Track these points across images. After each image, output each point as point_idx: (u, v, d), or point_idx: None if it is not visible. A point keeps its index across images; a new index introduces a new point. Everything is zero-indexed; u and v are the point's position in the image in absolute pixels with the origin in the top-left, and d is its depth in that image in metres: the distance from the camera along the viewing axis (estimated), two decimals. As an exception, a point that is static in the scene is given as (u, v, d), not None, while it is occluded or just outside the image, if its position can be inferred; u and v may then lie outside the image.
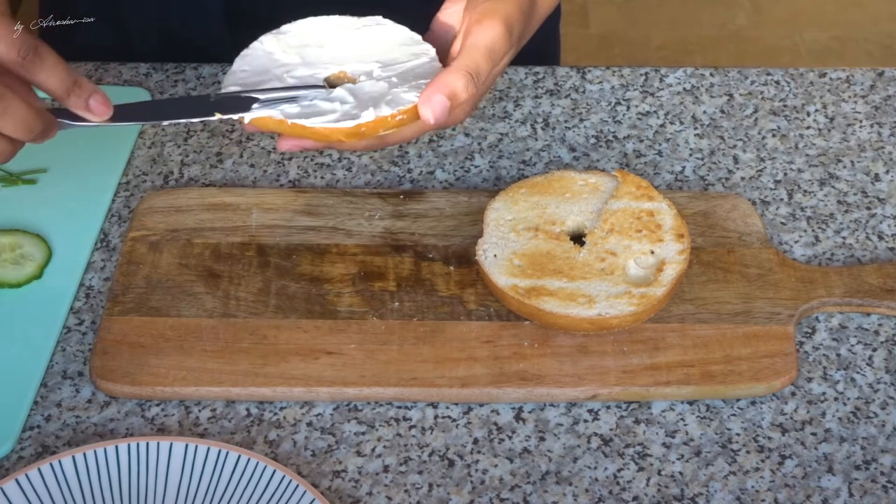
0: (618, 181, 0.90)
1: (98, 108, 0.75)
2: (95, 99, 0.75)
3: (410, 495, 0.77)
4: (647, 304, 0.83)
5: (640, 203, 0.89)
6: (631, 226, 0.87)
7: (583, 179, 0.91)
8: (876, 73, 1.09)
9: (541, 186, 0.91)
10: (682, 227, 0.87)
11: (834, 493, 0.77)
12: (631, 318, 0.83)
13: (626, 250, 0.86)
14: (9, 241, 0.90)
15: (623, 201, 0.89)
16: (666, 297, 0.84)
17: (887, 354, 0.85)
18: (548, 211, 0.89)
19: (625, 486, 0.78)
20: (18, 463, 0.79)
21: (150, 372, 0.82)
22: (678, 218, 0.88)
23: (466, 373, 0.82)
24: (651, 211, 0.88)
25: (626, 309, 0.82)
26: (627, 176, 0.90)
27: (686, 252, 0.86)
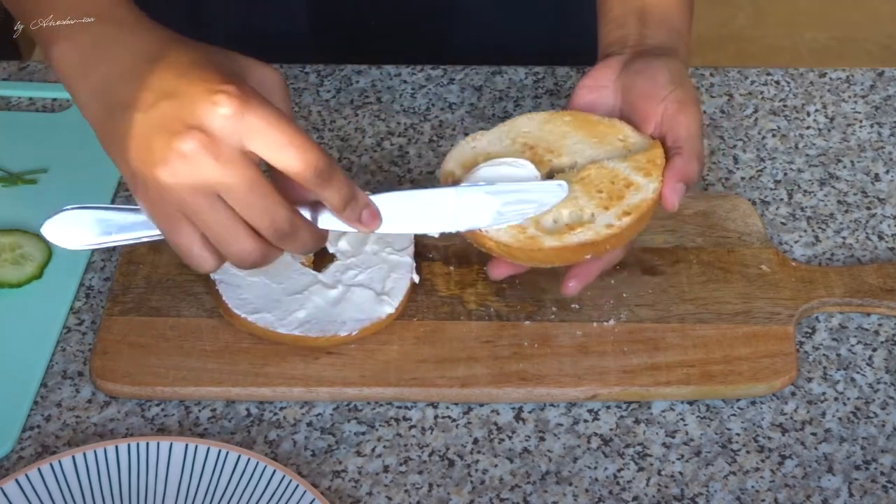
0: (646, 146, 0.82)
1: (369, 221, 0.73)
2: (368, 211, 0.73)
3: (410, 495, 0.77)
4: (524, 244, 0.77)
5: (633, 173, 0.80)
6: (601, 183, 0.79)
7: (624, 135, 0.82)
8: (876, 73, 1.09)
9: (585, 121, 0.84)
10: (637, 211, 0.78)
11: (834, 493, 0.77)
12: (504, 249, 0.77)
13: (570, 200, 0.79)
14: (9, 241, 0.90)
15: (623, 164, 0.80)
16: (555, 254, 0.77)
17: (887, 354, 0.85)
18: (560, 141, 0.83)
19: (625, 486, 0.78)
20: (18, 463, 0.79)
21: (150, 372, 0.82)
22: (648, 203, 0.79)
23: (466, 373, 0.82)
24: (631, 182, 0.79)
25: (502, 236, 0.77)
26: (656, 148, 0.81)
27: (612, 231, 0.77)
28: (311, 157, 0.67)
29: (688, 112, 0.82)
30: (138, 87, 0.68)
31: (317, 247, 0.73)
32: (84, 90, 0.71)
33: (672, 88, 0.82)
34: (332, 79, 1.07)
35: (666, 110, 0.82)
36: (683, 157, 0.80)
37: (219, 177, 0.66)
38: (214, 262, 0.70)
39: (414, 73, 1.07)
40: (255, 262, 0.70)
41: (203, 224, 0.68)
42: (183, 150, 0.65)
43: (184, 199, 0.67)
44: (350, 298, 0.84)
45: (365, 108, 1.04)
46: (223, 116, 0.65)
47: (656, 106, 0.82)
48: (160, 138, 0.66)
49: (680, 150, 0.81)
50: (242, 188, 0.67)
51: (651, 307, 0.86)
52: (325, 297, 0.84)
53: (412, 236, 0.87)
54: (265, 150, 0.66)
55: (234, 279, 0.84)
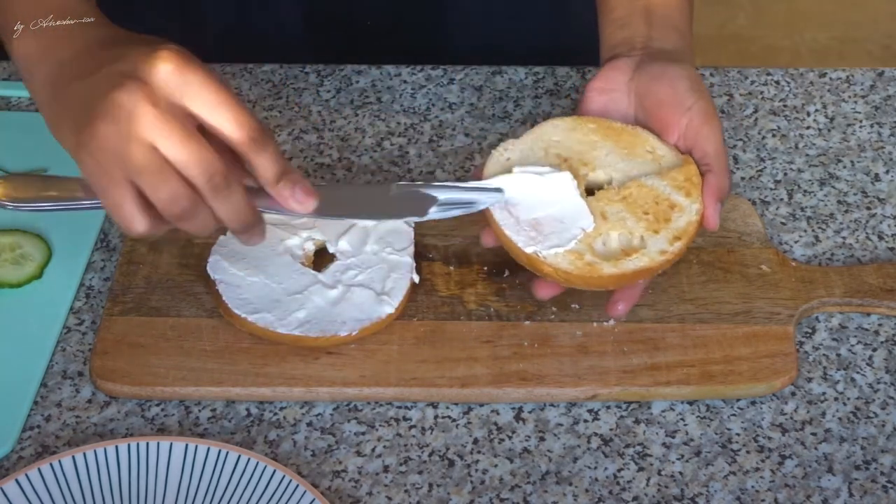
0: (679, 163, 0.83)
1: (302, 198, 0.74)
2: (301, 188, 0.73)
3: (410, 495, 0.77)
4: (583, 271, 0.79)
5: (674, 192, 0.81)
6: (645, 204, 0.81)
7: (651, 146, 0.84)
8: (876, 73, 1.09)
9: (610, 130, 0.85)
10: (685, 234, 0.80)
11: (834, 493, 0.77)
12: (563, 275, 0.79)
13: (617, 222, 0.81)
14: (9, 241, 0.90)
15: (661, 182, 0.82)
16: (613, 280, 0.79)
17: (887, 354, 0.85)
18: (592, 152, 0.84)
19: (625, 486, 0.78)
20: (18, 463, 0.79)
21: (150, 372, 0.82)
22: (693, 225, 0.81)
23: (466, 373, 0.82)
24: (675, 204, 0.81)
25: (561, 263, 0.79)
26: (690, 165, 0.82)
27: (666, 256, 0.80)
28: (246, 121, 0.70)
29: (713, 125, 0.83)
30: (87, 62, 0.71)
31: (248, 220, 0.73)
32: (38, 77, 0.74)
33: (695, 99, 0.82)
34: (332, 79, 1.07)
35: (690, 122, 0.82)
36: (716, 174, 0.82)
37: (156, 124, 0.67)
38: (145, 221, 0.70)
39: (414, 73, 1.07)
40: (183, 209, 0.70)
41: (136, 171, 0.68)
42: (122, 98, 0.67)
43: (120, 149, 0.68)
44: (350, 298, 0.84)
45: (365, 108, 1.04)
46: (164, 71, 0.68)
47: (680, 116, 0.83)
48: (102, 94, 0.68)
49: (710, 166, 0.82)
50: (178, 136, 0.68)
51: (651, 307, 0.86)
52: (325, 297, 0.84)
53: (412, 236, 0.88)
54: (202, 109, 0.68)
55: (235, 279, 0.84)
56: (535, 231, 0.80)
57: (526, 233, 0.80)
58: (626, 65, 0.86)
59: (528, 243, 0.79)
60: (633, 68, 0.85)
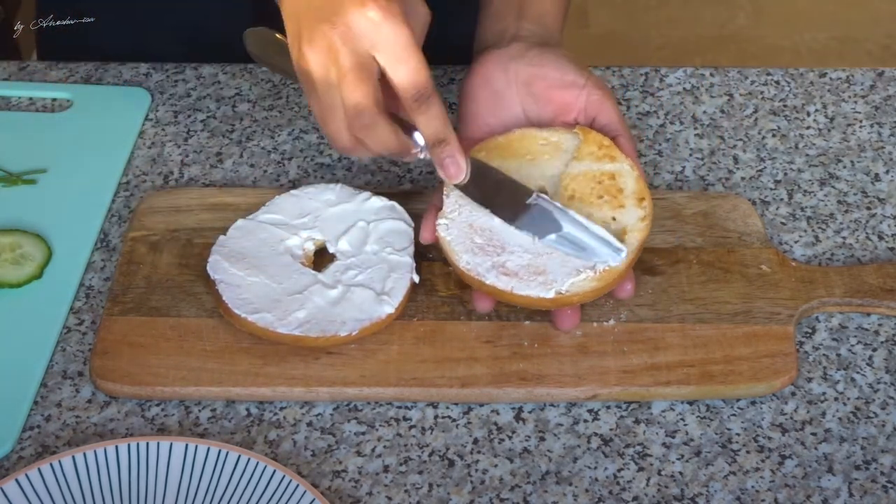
0: (579, 139, 0.86)
1: (451, 168, 0.81)
2: (453, 160, 0.81)
3: (410, 495, 0.77)
4: (608, 278, 0.80)
5: (602, 164, 0.84)
6: (592, 191, 0.84)
7: (544, 138, 0.87)
8: (876, 73, 1.09)
9: (501, 149, 0.87)
10: (643, 191, 0.83)
11: (834, 493, 0.77)
12: (592, 293, 0.81)
13: (587, 219, 0.82)
14: (9, 241, 0.90)
15: (584, 163, 0.85)
16: (627, 267, 0.82)
17: (887, 354, 0.85)
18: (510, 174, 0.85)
19: (625, 486, 0.78)
20: (18, 463, 0.79)
21: (150, 372, 0.82)
22: (640, 181, 0.84)
23: (466, 373, 0.82)
24: (612, 173, 0.84)
25: (588, 285, 0.80)
26: (589, 134, 0.86)
27: (648, 218, 0.83)
28: (419, 79, 0.77)
29: (608, 95, 0.87)
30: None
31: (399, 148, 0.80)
32: None
33: (586, 76, 0.87)
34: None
35: (589, 97, 0.87)
36: (626, 136, 0.86)
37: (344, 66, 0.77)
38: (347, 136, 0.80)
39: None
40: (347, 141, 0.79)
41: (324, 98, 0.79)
42: (326, 35, 0.77)
43: (315, 71, 0.78)
44: (350, 298, 0.84)
45: (365, 108, 1.04)
46: (366, 20, 0.76)
47: (577, 95, 0.87)
48: (316, 23, 0.78)
49: (618, 130, 0.86)
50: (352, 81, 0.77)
51: (651, 307, 0.86)
52: (325, 297, 0.84)
53: (412, 236, 0.88)
54: (384, 59, 0.77)
55: (235, 279, 0.84)
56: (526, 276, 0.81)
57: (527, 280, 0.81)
58: (500, 56, 0.88)
59: (543, 290, 0.80)
60: (508, 59, 0.88)
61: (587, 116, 0.87)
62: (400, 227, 0.88)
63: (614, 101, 0.87)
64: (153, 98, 1.05)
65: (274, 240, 0.87)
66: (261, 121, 1.03)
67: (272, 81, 1.06)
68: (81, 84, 1.06)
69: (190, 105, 1.04)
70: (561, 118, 0.87)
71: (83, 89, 1.05)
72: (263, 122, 1.03)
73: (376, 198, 0.90)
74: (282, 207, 0.89)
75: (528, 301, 0.81)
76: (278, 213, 0.89)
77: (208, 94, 1.05)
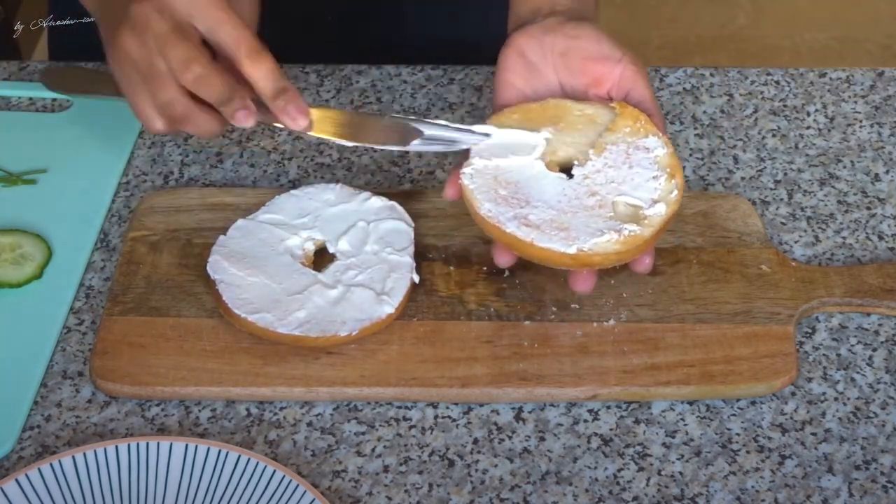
0: (615, 114, 0.84)
1: (295, 114, 0.82)
2: (295, 105, 0.81)
3: (410, 495, 0.77)
4: (632, 243, 0.79)
5: (636, 138, 0.83)
6: (624, 162, 0.82)
7: (579, 110, 0.86)
8: (876, 73, 1.09)
9: (534, 113, 0.85)
10: (676, 167, 0.82)
11: (834, 493, 0.77)
12: (615, 256, 0.79)
13: (616, 186, 0.81)
14: (9, 241, 0.90)
15: (618, 135, 0.83)
16: (653, 238, 0.79)
17: (887, 354, 0.85)
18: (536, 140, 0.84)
19: (625, 486, 0.78)
20: (18, 463, 0.79)
21: (150, 372, 0.82)
22: (673, 157, 0.82)
23: (466, 373, 0.82)
24: (647, 146, 0.83)
25: (611, 248, 0.78)
26: (626, 108, 0.84)
27: (679, 192, 0.80)
28: (244, 39, 0.79)
29: (643, 72, 0.86)
30: None
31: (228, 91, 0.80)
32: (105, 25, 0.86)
33: (623, 51, 0.86)
34: (332, 79, 1.07)
35: (624, 72, 0.85)
36: (656, 115, 0.85)
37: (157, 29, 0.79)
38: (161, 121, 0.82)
39: (414, 73, 1.07)
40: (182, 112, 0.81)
41: (145, 75, 0.80)
42: (138, 12, 0.79)
43: (135, 56, 0.80)
44: (350, 298, 0.84)
45: (365, 108, 1.04)
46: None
47: (613, 68, 0.85)
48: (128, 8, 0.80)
49: (649, 109, 0.85)
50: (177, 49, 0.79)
51: (651, 307, 0.86)
52: (325, 297, 0.84)
53: (412, 236, 0.88)
54: (204, 26, 0.79)
55: (235, 279, 0.84)
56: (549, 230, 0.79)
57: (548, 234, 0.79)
58: (535, 29, 0.87)
59: (564, 245, 0.78)
60: (544, 32, 0.87)
61: (620, 90, 0.86)
62: (400, 227, 0.88)
63: (647, 79, 0.86)
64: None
65: (274, 240, 0.87)
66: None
67: (272, 81, 1.06)
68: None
69: (190, 105, 1.04)
70: (594, 90, 0.86)
71: (83, 89, 1.05)
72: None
73: (376, 198, 0.90)
74: (282, 207, 0.89)
75: (548, 255, 0.79)
76: (278, 213, 0.89)
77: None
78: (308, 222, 0.88)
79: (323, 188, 0.91)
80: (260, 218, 0.88)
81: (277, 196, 0.90)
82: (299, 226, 0.88)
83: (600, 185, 0.81)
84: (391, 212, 0.89)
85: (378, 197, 0.90)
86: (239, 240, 0.87)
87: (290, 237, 0.87)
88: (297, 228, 0.88)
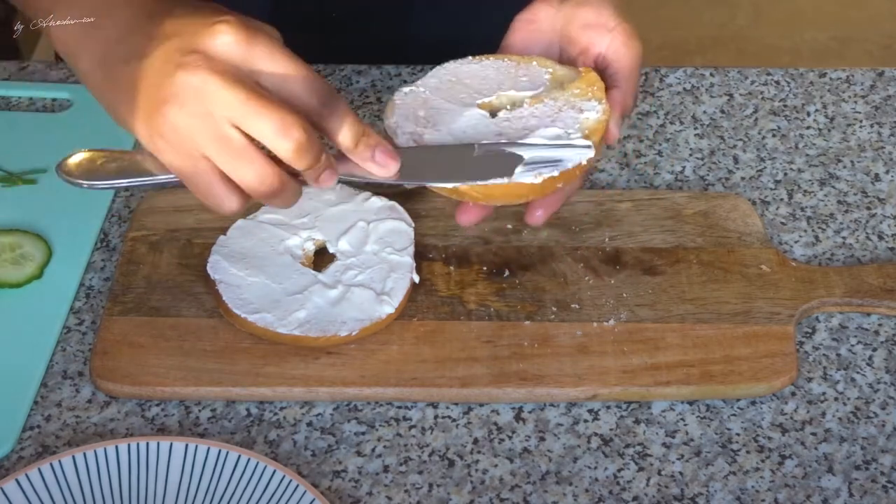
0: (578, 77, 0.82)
1: (384, 161, 0.73)
2: (382, 150, 0.73)
3: (410, 495, 0.77)
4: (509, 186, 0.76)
5: (578, 100, 0.81)
6: (550, 116, 0.80)
7: (550, 70, 0.83)
8: (876, 73, 1.09)
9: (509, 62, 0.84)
10: (596, 132, 0.79)
11: (834, 493, 0.77)
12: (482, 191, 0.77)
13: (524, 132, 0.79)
14: (9, 241, 0.90)
15: (565, 94, 0.81)
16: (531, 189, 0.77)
17: (887, 354, 0.85)
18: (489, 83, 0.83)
19: (625, 486, 0.78)
20: (18, 463, 0.79)
21: (150, 372, 0.82)
22: (600, 124, 0.79)
23: (466, 373, 0.82)
24: (581, 108, 0.80)
25: None
26: (589, 74, 0.82)
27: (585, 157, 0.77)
28: (317, 87, 0.68)
29: (632, 45, 0.83)
30: (138, 39, 0.68)
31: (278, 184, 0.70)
32: (85, 60, 0.71)
33: (619, 21, 0.83)
34: (331, 79, 1.07)
35: (612, 42, 0.83)
36: (623, 91, 0.82)
37: (227, 97, 0.65)
38: (236, 199, 0.69)
39: (414, 73, 1.07)
40: (272, 187, 0.69)
41: (217, 152, 0.67)
42: (188, 78, 0.65)
43: (196, 131, 0.66)
44: (350, 298, 0.84)
45: (365, 108, 1.04)
46: (227, 43, 0.66)
47: (602, 36, 0.83)
48: (164, 74, 0.66)
49: (618, 82, 0.82)
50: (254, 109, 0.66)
51: (651, 307, 0.86)
52: (325, 297, 0.84)
53: (412, 236, 0.88)
54: (270, 80, 0.67)
55: (235, 279, 0.84)
56: None
57: None
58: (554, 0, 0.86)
59: None
60: (561, 1, 0.85)
61: (605, 61, 0.84)
62: (400, 227, 0.88)
63: (635, 55, 0.83)
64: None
65: (274, 240, 0.87)
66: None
67: (272, 81, 1.06)
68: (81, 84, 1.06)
69: (190, 105, 1.04)
70: (583, 58, 0.84)
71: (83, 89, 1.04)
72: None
73: (376, 198, 0.90)
74: None
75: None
76: (278, 212, 0.89)
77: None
78: (308, 222, 0.88)
79: None
80: (260, 218, 0.89)
81: None
82: (299, 226, 0.88)
83: (512, 130, 0.80)
84: (391, 212, 0.89)
85: (378, 197, 0.90)
86: (239, 240, 0.87)
87: (290, 237, 0.87)
88: (297, 228, 0.88)
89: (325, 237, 0.87)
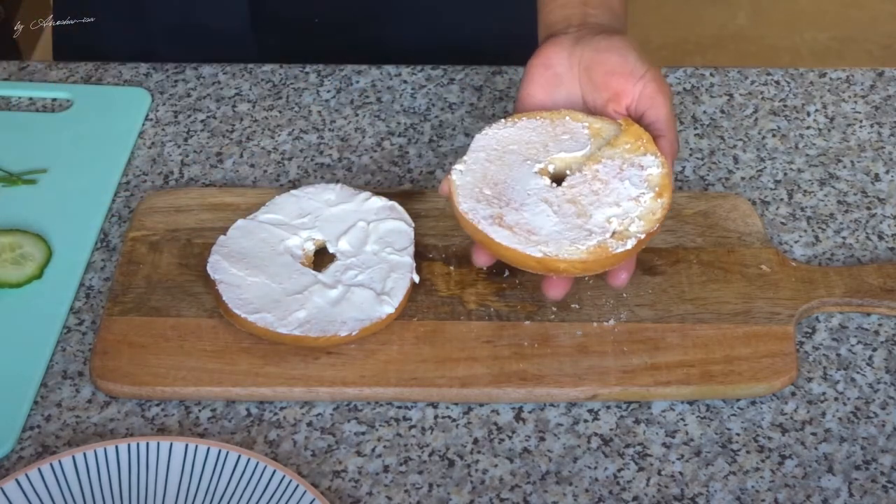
0: (621, 130, 0.84)
1: None
2: None
3: (410, 495, 0.77)
4: (598, 255, 0.79)
5: (633, 155, 0.82)
6: (615, 176, 0.82)
7: (587, 122, 0.85)
8: (876, 73, 1.09)
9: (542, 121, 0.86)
10: (666, 188, 0.81)
11: (834, 493, 0.77)
12: (580, 265, 0.79)
13: (598, 199, 0.81)
14: (9, 241, 0.90)
15: (616, 150, 0.83)
16: (626, 254, 0.79)
17: (887, 354, 0.85)
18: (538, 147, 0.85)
19: (625, 486, 0.78)
20: (18, 463, 0.79)
21: (150, 372, 0.82)
22: (666, 178, 0.81)
23: (466, 373, 0.82)
24: (641, 164, 0.82)
25: (576, 256, 0.78)
26: (631, 126, 0.84)
27: (661, 213, 0.80)
28: None
29: (665, 92, 0.85)
30: None
31: None
32: None
33: (647, 68, 0.84)
34: (332, 79, 1.07)
35: (644, 89, 0.84)
36: (669, 139, 0.84)
37: None
38: None
39: (414, 73, 1.08)
40: None
41: None
42: None
43: None
44: (350, 298, 0.84)
45: (365, 108, 1.04)
46: None
47: (633, 84, 0.84)
48: None
49: (662, 130, 0.84)
50: None
51: (651, 307, 0.86)
52: (325, 297, 0.84)
53: (412, 236, 0.88)
54: None
55: (235, 279, 0.84)
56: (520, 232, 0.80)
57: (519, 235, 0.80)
58: (565, 41, 0.87)
59: (532, 247, 0.79)
60: (573, 43, 0.86)
61: (638, 108, 0.85)
62: (400, 227, 0.88)
63: (669, 100, 0.85)
64: (153, 98, 1.05)
65: (274, 240, 0.87)
66: (261, 121, 1.03)
67: (272, 81, 1.07)
68: (81, 84, 1.06)
69: (190, 105, 1.04)
70: (613, 105, 0.85)
71: (83, 89, 1.05)
72: (263, 122, 1.03)
73: (376, 198, 0.90)
74: (282, 207, 0.89)
75: (515, 256, 0.79)
76: (278, 213, 0.89)
77: (208, 94, 1.05)
78: (308, 222, 0.88)
79: (323, 188, 0.91)
80: (260, 218, 0.89)
81: (277, 196, 0.90)
82: (299, 226, 0.88)
83: (583, 196, 0.81)
84: (391, 212, 0.89)
85: (378, 197, 0.90)
86: (239, 240, 0.87)
87: (291, 237, 0.87)
88: (297, 228, 0.88)
89: (325, 237, 0.88)
